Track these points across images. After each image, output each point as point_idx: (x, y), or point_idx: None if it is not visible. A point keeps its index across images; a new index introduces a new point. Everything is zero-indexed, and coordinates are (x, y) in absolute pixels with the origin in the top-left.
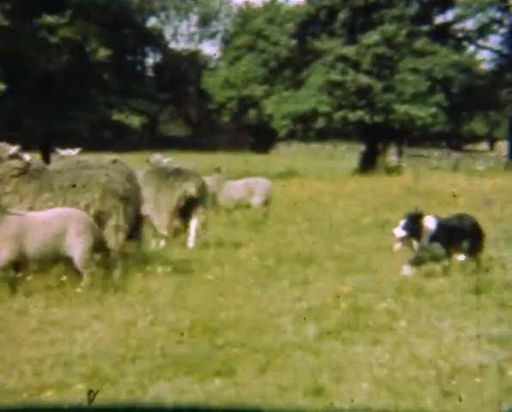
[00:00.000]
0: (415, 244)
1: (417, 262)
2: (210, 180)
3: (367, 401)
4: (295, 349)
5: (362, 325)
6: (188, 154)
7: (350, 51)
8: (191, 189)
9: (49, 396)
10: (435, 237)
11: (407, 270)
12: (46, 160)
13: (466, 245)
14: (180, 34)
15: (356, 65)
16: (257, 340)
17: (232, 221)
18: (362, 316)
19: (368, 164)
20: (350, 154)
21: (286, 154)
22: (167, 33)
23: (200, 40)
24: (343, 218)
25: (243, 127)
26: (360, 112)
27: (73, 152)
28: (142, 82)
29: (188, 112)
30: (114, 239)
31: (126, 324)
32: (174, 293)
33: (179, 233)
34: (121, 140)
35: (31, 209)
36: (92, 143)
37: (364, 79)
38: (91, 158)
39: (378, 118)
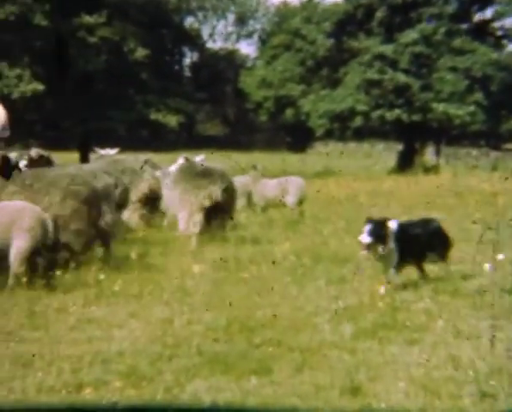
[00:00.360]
0: (380, 250)
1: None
2: (245, 179)
3: (404, 400)
4: (331, 348)
5: (399, 325)
6: (225, 154)
7: (387, 49)
8: (216, 192)
9: (87, 394)
10: (395, 243)
11: (393, 278)
12: (85, 159)
13: (430, 250)
14: (218, 34)
15: (393, 64)
16: (293, 339)
17: (268, 220)
18: (399, 315)
19: (405, 163)
20: (387, 153)
21: (323, 154)
22: (205, 33)
23: (237, 40)
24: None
25: (280, 126)
26: (397, 111)
27: (111, 151)
28: (179, 82)
29: (225, 112)
30: (75, 243)
31: (163, 322)
32: (211, 292)
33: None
34: (159, 139)
35: None
36: (130, 143)
37: (402, 78)
38: (128, 157)
39: (416, 117)
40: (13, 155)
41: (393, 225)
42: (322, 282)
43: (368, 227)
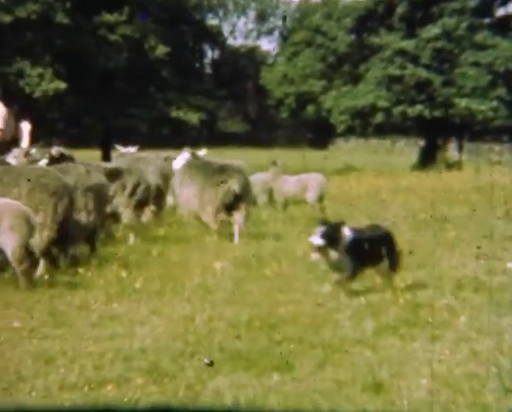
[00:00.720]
0: (332, 254)
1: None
2: (266, 175)
3: (426, 397)
4: (353, 345)
5: (422, 321)
6: (246, 151)
7: (408, 45)
8: (235, 186)
9: (109, 391)
10: (347, 248)
11: (327, 288)
12: (106, 157)
13: (380, 259)
14: (238, 31)
15: (415, 59)
16: (315, 335)
17: (289, 217)
18: (421, 312)
19: (427, 159)
20: (409, 149)
21: (344, 150)
22: (226, 30)
23: (258, 36)
24: (401, 213)
25: (301, 123)
26: (419, 107)
27: (132, 149)
28: (200, 79)
29: (246, 109)
30: (39, 237)
31: (185, 319)
32: (232, 289)
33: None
34: (180, 136)
35: None
36: (151, 140)
37: (423, 73)
38: (150, 155)
39: (438, 113)
40: (33, 152)
41: (347, 230)
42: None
43: (320, 230)
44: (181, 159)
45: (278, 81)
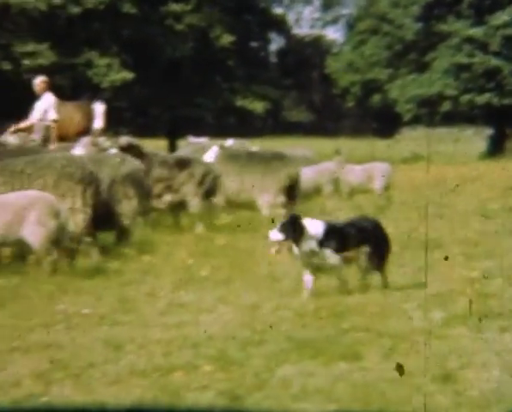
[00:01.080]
0: (295, 249)
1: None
2: (331, 165)
3: (496, 388)
4: (421, 335)
5: (491, 312)
6: (311, 140)
7: (477, 32)
8: (293, 172)
9: (178, 377)
10: (322, 243)
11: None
12: (173, 146)
13: (363, 254)
14: (304, 19)
15: (483, 47)
16: (382, 324)
17: (355, 206)
18: (490, 302)
19: (496, 148)
20: (476, 138)
21: (410, 139)
22: (291, 19)
23: (323, 25)
24: (469, 203)
25: (367, 112)
26: (488, 95)
27: (201, 140)
28: (265, 68)
29: (311, 98)
30: (73, 222)
31: (252, 307)
32: (298, 278)
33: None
34: (245, 126)
35: None
36: (217, 130)
37: (493, 61)
38: (213, 144)
39: (507, 101)
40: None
41: (315, 225)
42: (411, 269)
43: (280, 224)
44: (212, 152)
45: (344, 69)
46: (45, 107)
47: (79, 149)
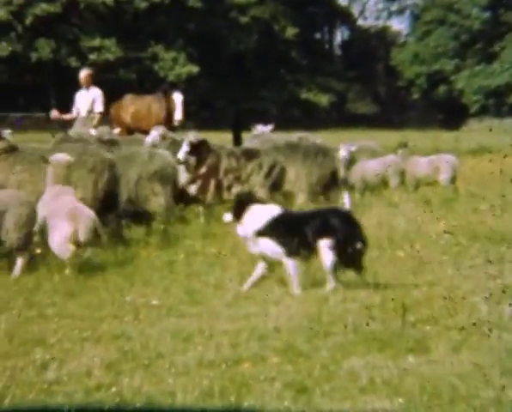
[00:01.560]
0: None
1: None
2: (397, 157)
3: None
4: (490, 328)
5: None
6: (376, 132)
7: None
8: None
9: (245, 368)
10: (263, 232)
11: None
12: (238, 140)
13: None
14: (368, 10)
15: None
16: (450, 318)
17: (421, 198)
18: None
19: None
20: None
21: (478, 131)
22: (356, 10)
23: (388, 17)
24: None
25: (433, 103)
26: None
27: (268, 128)
28: (330, 60)
29: (376, 90)
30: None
31: (318, 300)
32: (365, 271)
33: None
34: (310, 118)
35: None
36: (281, 122)
37: None
38: (282, 136)
39: None
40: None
41: (263, 212)
42: (479, 261)
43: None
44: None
45: (409, 61)
46: (92, 99)
47: (148, 142)
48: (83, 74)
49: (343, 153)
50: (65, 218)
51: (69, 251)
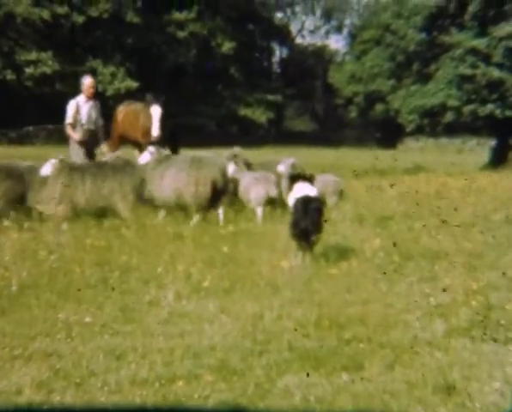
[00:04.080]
0: None
1: None
2: (336, 176)
3: (498, 400)
4: (423, 346)
5: (494, 323)
6: (313, 150)
7: (480, 43)
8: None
9: (179, 387)
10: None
11: None
12: (175, 154)
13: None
14: (306, 29)
15: (486, 58)
16: (384, 335)
17: (357, 217)
18: (493, 314)
19: (499, 159)
20: (479, 148)
21: (413, 150)
22: (294, 29)
23: (326, 35)
24: (472, 214)
25: (370, 122)
26: (490, 107)
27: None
28: (268, 77)
29: (314, 107)
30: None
31: (253, 317)
32: (301, 288)
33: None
34: (248, 135)
35: None
36: (219, 138)
37: (495, 72)
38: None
39: (510, 113)
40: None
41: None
42: (413, 279)
43: None
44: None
45: (347, 79)
46: (97, 113)
47: (145, 158)
48: (87, 83)
49: (282, 168)
50: None
51: None
